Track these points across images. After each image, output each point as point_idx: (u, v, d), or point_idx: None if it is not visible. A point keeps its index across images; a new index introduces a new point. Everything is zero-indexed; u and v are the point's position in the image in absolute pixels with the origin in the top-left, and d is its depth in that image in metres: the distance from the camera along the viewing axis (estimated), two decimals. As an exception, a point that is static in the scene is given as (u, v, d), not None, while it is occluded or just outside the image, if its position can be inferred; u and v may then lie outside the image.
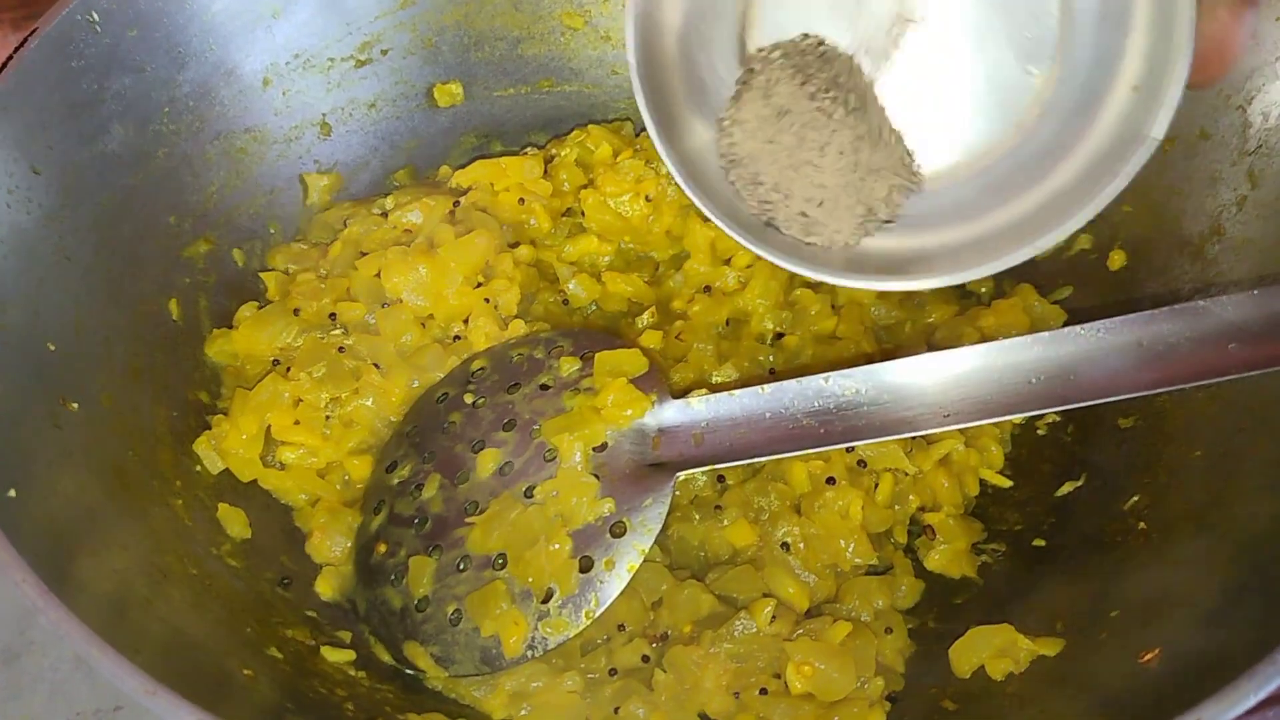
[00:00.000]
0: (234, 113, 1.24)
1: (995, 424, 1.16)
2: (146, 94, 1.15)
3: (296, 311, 1.19)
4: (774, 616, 1.01)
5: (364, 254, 1.22)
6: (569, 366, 1.11)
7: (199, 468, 1.10)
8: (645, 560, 1.02)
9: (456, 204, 1.28)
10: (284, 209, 1.30)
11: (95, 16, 1.09)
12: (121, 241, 1.11)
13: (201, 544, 1.03)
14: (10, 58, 1.03)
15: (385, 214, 1.28)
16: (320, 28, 1.29)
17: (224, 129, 1.23)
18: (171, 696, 0.72)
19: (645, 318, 1.24)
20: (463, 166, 1.32)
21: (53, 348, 0.99)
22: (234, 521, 1.07)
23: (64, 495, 0.91)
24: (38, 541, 0.81)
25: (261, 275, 1.24)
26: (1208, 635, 0.85)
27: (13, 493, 0.84)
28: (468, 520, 1.04)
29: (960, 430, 1.13)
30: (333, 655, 1.00)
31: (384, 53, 1.34)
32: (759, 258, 1.22)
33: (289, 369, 1.14)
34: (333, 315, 1.18)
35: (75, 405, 0.98)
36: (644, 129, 1.35)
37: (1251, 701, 0.70)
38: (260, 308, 1.20)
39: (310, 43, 1.29)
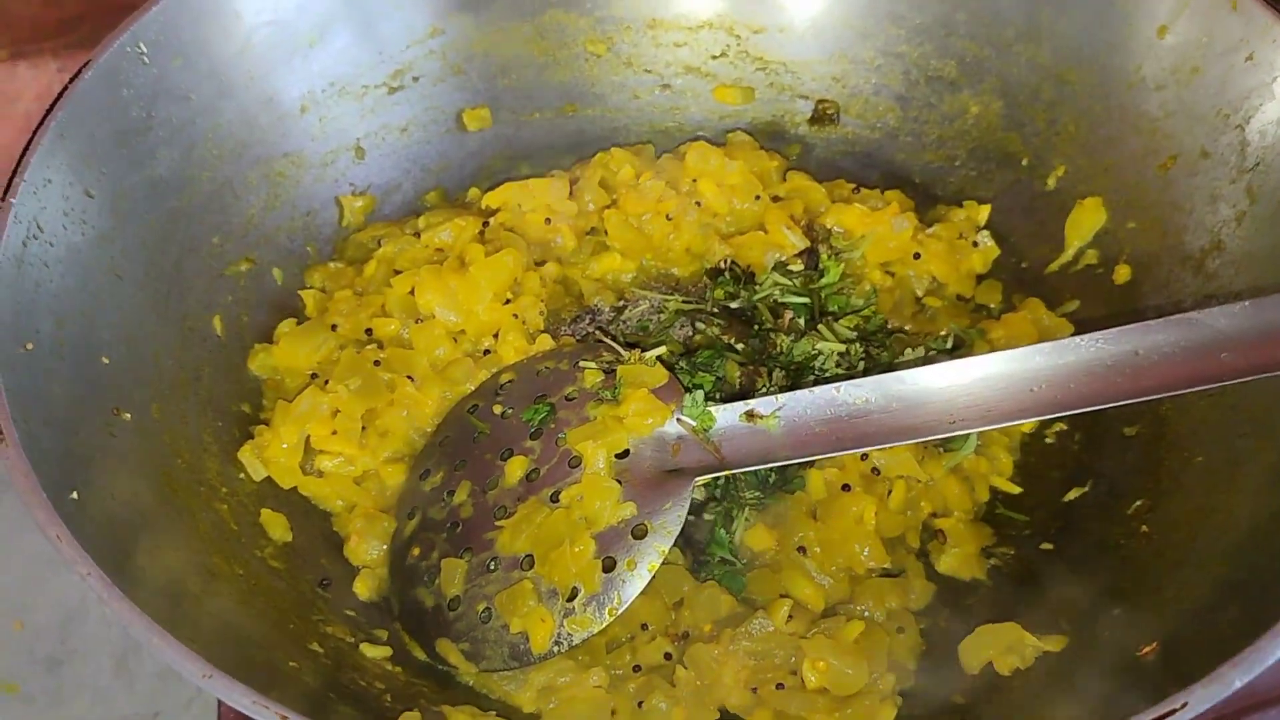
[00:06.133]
0: (273, 138, 1.29)
1: (1004, 432, 1.19)
2: (192, 121, 1.20)
3: (334, 327, 1.23)
4: (791, 616, 1.05)
5: (398, 272, 1.27)
6: (593, 378, 1.15)
7: (242, 475, 1.14)
8: (666, 562, 1.06)
9: (486, 224, 1.33)
10: (321, 230, 1.35)
11: (143, 48, 1.14)
12: (169, 261, 1.16)
13: (246, 546, 1.07)
14: (66, 88, 1.08)
15: (418, 234, 1.32)
16: (355, 57, 1.34)
17: (264, 154, 1.28)
18: (226, 680, 0.77)
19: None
20: (491, 188, 1.36)
21: (106, 361, 1.04)
22: (276, 526, 1.12)
23: (119, 499, 0.96)
24: (98, 540, 0.86)
25: (300, 293, 1.29)
26: (1202, 628, 0.89)
27: (74, 495, 0.89)
28: (497, 524, 1.08)
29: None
30: (371, 651, 1.04)
31: (415, 80, 1.39)
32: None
33: (327, 382, 1.18)
34: (368, 331, 1.23)
35: (128, 415, 1.04)
36: (665, 151, 1.42)
37: (1237, 685, 0.74)
38: (299, 324, 1.25)
39: (345, 71, 1.34)
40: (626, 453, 1.09)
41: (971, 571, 1.12)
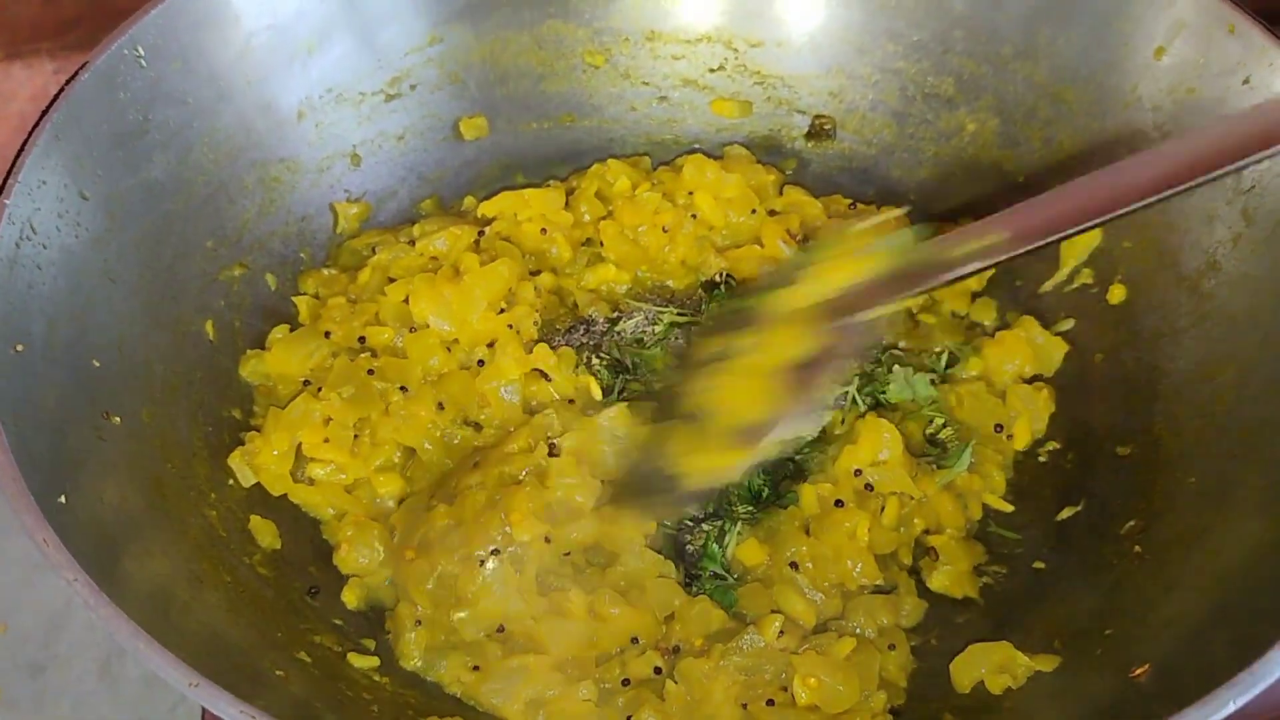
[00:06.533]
0: (270, 143, 1.29)
1: (998, 450, 1.20)
2: (188, 125, 1.19)
3: (327, 334, 1.23)
4: (782, 632, 1.04)
5: (392, 280, 1.27)
6: None
7: (232, 481, 1.13)
8: (660, 576, 1.08)
9: (481, 233, 1.32)
10: (315, 236, 1.34)
11: (141, 51, 1.13)
12: (162, 265, 1.16)
13: (235, 553, 1.07)
14: (62, 90, 1.07)
15: (412, 242, 1.32)
16: (353, 64, 1.34)
17: (260, 159, 1.28)
18: (212, 688, 0.77)
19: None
20: (487, 197, 1.36)
21: (97, 364, 1.04)
22: (265, 533, 1.11)
23: (108, 504, 0.96)
24: (86, 545, 0.85)
25: (294, 299, 1.28)
26: (1195, 650, 0.89)
27: (63, 499, 0.89)
28: None
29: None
30: (358, 661, 1.04)
31: (413, 88, 1.38)
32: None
33: (319, 389, 1.17)
34: (362, 339, 1.23)
35: (118, 420, 1.03)
36: (662, 163, 1.42)
37: (1230, 708, 0.74)
38: (292, 330, 1.24)
39: (343, 78, 1.33)
40: None
41: (963, 589, 1.12)
